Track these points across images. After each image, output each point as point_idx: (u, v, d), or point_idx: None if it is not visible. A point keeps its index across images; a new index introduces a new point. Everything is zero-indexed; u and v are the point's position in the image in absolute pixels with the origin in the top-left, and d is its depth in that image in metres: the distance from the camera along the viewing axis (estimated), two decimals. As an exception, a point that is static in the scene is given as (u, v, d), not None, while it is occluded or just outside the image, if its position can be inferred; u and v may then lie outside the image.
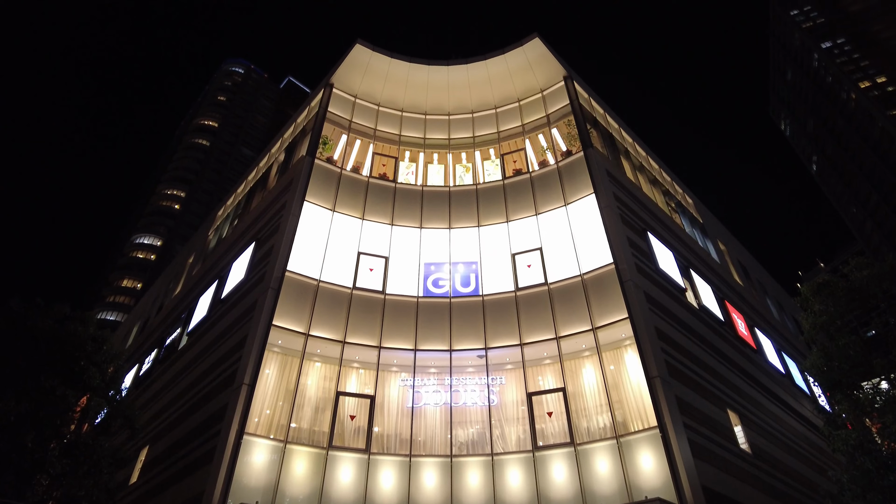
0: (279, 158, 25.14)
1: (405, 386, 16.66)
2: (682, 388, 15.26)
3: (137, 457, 20.08)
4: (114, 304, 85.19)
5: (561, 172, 20.46)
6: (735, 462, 15.70)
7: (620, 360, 15.99)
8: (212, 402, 16.27)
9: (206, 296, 22.40)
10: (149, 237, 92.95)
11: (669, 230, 22.53)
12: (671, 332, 16.73)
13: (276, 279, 17.10)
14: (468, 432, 15.97)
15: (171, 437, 18.22)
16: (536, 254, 18.70)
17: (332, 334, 17.04)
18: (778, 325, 29.12)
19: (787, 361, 25.63)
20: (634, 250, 17.85)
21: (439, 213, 20.62)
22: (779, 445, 19.43)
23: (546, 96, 23.77)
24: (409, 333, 17.61)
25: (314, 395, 16.16)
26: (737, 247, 31.97)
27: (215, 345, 18.54)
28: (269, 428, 15.10)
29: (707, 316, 20.12)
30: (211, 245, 28.21)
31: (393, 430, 15.90)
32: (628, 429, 14.57)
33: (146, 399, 22.87)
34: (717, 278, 24.02)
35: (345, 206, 20.11)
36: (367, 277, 18.52)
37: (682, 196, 28.33)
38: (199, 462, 14.99)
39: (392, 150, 23.05)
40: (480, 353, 17.14)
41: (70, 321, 15.88)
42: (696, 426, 14.77)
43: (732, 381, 18.91)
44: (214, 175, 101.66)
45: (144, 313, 34.67)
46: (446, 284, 18.80)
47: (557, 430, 15.21)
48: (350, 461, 14.87)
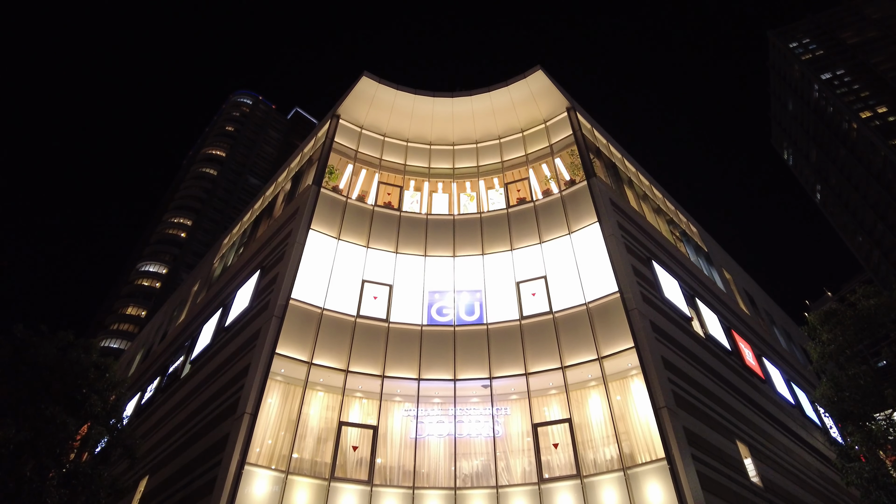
0: (285, 187, 25.40)
1: (408, 416, 16.45)
2: (690, 419, 15.01)
3: (137, 487, 19.76)
4: (117, 331, 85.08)
5: (565, 201, 20.57)
6: (746, 495, 15.32)
7: (627, 391, 15.78)
8: (213, 431, 16.08)
9: (209, 324, 22.36)
10: (154, 265, 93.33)
11: (674, 259, 22.49)
12: (678, 361, 16.55)
13: (280, 307, 17.09)
14: (472, 464, 15.69)
15: (172, 466, 17.96)
16: (541, 282, 18.66)
17: (336, 363, 16.93)
18: (786, 354, 28.76)
19: (796, 392, 25.22)
20: (639, 279, 17.80)
21: (444, 242, 20.69)
22: (790, 478, 18.97)
23: (549, 127, 24.07)
24: (413, 362, 17.48)
25: (316, 425, 15.96)
26: (742, 276, 31.83)
27: (218, 373, 18.43)
28: (270, 458, 14.89)
29: (714, 345, 19.91)
30: (216, 273, 28.30)
31: (396, 462, 15.64)
32: (636, 460, 14.29)
33: (147, 428, 22.63)
34: (723, 307, 23.85)
35: (350, 234, 20.22)
36: (371, 305, 18.49)
37: (686, 225, 28.37)
38: (199, 492, 14.74)
39: (397, 179, 23.28)
40: (485, 383, 16.96)
41: (73, 348, 15.87)
42: (705, 458, 14.47)
43: (741, 411, 18.60)
44: (221, 204, 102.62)
45: (148, 341, 34.58)
46: (450, 313, 18.73)
47: (563, 461, 14.93)
48: (352, 493, 14.59)
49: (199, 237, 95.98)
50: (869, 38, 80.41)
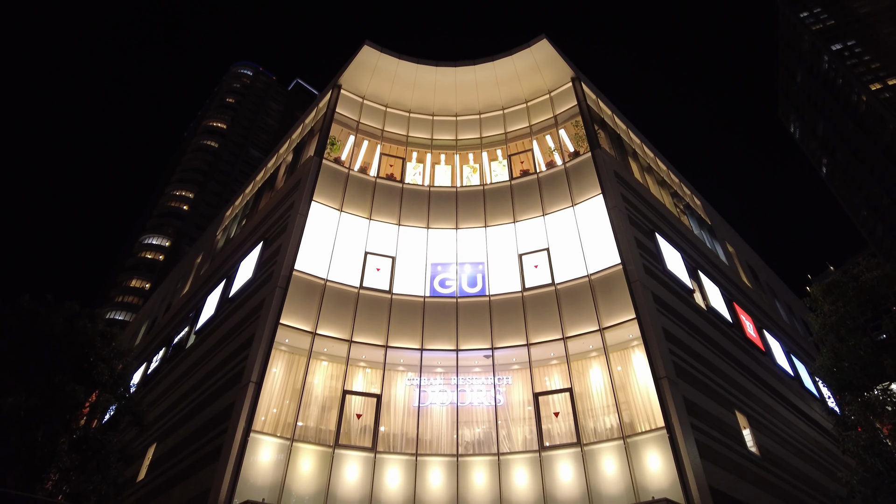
0: (287, 159, 25.27)
1: (411, 385, 16.67)
2: (690, 390, 15.18)
3: (145, 454, 20.18)
4: (122, 303, 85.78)
5: (568, 173, 20.44)
6: (743, 464, 15.58)
7: (628, 361, 15.93)
8: (219, 400, 16.33)
9: (213, 295, 22.52)
10: (157, 238, 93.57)
11: (678, 231, 22.44)
12: (679, 332, 16.65)
13: (283, 278, 17.17)
14: (474, 432, 15.95)
15: (179, 434, 18.30)
16: (543, 254, 18.67)
17: (339, 333, 17.08)
18: (787, 327, 28.91)
19: (796, 364, 25.42)
20: (642, 251, 17.79)
21: (446, 214, 20.65)
22: (788, 448, 19.26)
23: (554, 97, 23.77)
24: (416, 333, 17.62)
25: (321, 394, 16.19)
26: (745, 249, 31.78)
27: (223, 343, 18.62)
28: (275, 426, 15.15)
29: (715, 317, 20.01)
30: (219, 245, 28.37)
31: (399, 429, 15.91)
32: (635, 429, 14.50)
33: (154, 397, 22.99)
34: (725, 280, 23.88)
35: (352, 206, 20.18)
36: (374, 277, 18.56)
37: (690, 198, 28.22)
38: (205, 459, 15.05)
39: (399, 150, 23.11)
40: (487, 353, 17.13)
41: (79, 318, 16.02)
42: (704, 427, 14.68)
43: (741, 382, 18.79)
44: (223, 176, 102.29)
45: (152, 313, 34.88)
46: (453, 284, 18.80)
47: (564, 430, 15.16)
48: (356, 459, 14.88)
49: (202, 209, 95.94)
50: (881, 6, 78.61)
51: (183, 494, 15.42)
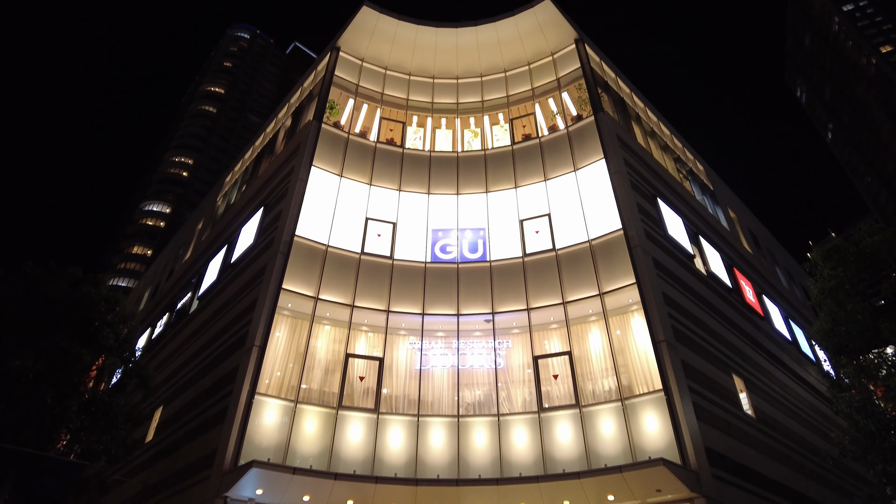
0: (286, 124, 25.00)
1: (413, 349, 16.88)
2: (688, 353, 15.37)
3: (152, 416, 20.61)
4: (124, 270, 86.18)
5: (571, 137, 20.22)
6: (738, 425, 15.90)
7: (627, 325, 16.08)
8: (223, 363, 16.58)
9: (215, 261, 22.61)
10: (158, 204, 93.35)
11: (679, 196, 22.34)
12: (678, 297, 16.76)
13: (284, 244, 17.21)
14: (475, 394, 16.24)
15: (185, 397, 18.65)
16: (545, 220, 18.64)
17: (341, 298, 17.21)
18: (786, 293, 29.07)
19: (793, 329, 25.67)
20: (643, 216, 17.75)
21: (447, 179, 20.53)
22: (783, 410, 19.62)
23: (557, 60, 23.33)
24: (417, 298, 17.75)
25: (324, 357, 16.42)
26: (747, 215, 31.69)
27: (226, 308, 18.80)
28: (280, 388, 15.41)
29: (715, 282, 20.10)
30: (220, 211, 28.34)
31: (401, 391, 16.19)
32: (633, 392, 14.74)
33: (159, 361, 23.34)
34: (726, 245, 23.90)
35: (352, 171, 20.05)
36: (375, 243, 18.59)
37: (692, 163, 27.99)
38: (211, 421, 15.38)
39: (399, 114, 22.83)
40: (487, 318, 17.29)
41: (82, 284, 16.13)
42: (701, 390, 14.92)
43: (739, 346, 19.00)
44: (221, 142, 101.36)
45: (155, 279, 35.10)
46: (454, 250, 18.84)
47: (563, 392, 15.42)
48: (359, 420, 15.20)
49: (201, 176, 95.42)
50: (895, -35, 76.18)
51: (190, 455, 15.81)
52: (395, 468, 14.60)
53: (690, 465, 12.81)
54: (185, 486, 15.12)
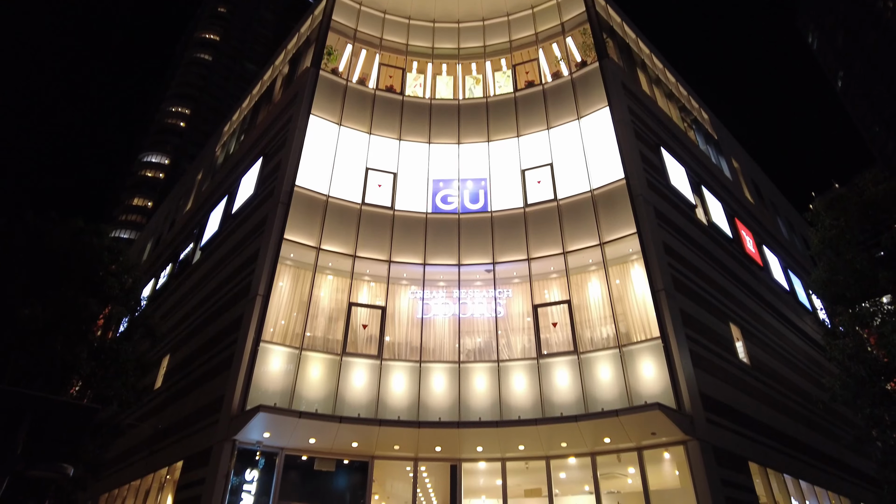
0: (283, 71, 24.44)
1: (415, 298, 17.09)
2: (687, 302, 15.56)
3: (160, 364, 21.10)
4: (126, 222, 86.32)
5: (575, 84, 19.79)
6: (733, 372, 16.27)
7: (626, 275, 16.21)
8: (228, 312, 16.83)
9: (216, 211, 22.60)
10: (156, 156, 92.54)
11: (683, 146, 22.07)
12: (679, 247, 16.82)
13: (285, 193, 17.15)
14: (475, 341, 16.55)
15: (191, 345, 19.04)
16: (547, 169, 18.49)
17: (343, 248, 17.29)
18: (786, 243, 29.14)
19: (792, 279, 25.88)
20: (646, 165, 17.60)
21: (448, 128, 20.23)
22: (777, 358, 20.02)
23: (561, 3, 22.53)
24: (419, 248, 17.82)
25: (327, 306, 16.65)
26: (751, 165, 31.38)
27: (228, 258, 18.93)
28: (284, 336, 15.71)
29: (716, 232, 20.13)
30: (219, 161, 28.09)
31: (404, 339, 16.50)
32: (631, 339, 15.01)
33: (164, 311, 23.69)
34: (728, 196, 23.79)
35: (351, 120, 19.74)
36: (376, 193, 18.51)
37: (697, 111, 27.50)
38: (218, 368, 15.75)
39: (399, 60, 22.26)
40: (488, 268, 17.41)
41: (85, 234, 16.19)
42: (698, 338, 15.19)
43: (737, 296, 19.21)
44: (218, 91, 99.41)
45: (157, 230, 35.18)
46: (455, 201, 18.77)
47: (561, 339, 15.71)
48: (363, 366, 15.57)
49: (199, 126, 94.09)
50: None
51: (198, 401, 16.28)
52: (399, 412, 15.05)
53: (685, 409, 13.19)
54: (194, 430, 15.64)
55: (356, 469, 14.76)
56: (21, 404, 5.58)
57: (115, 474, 20.66)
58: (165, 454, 17.13)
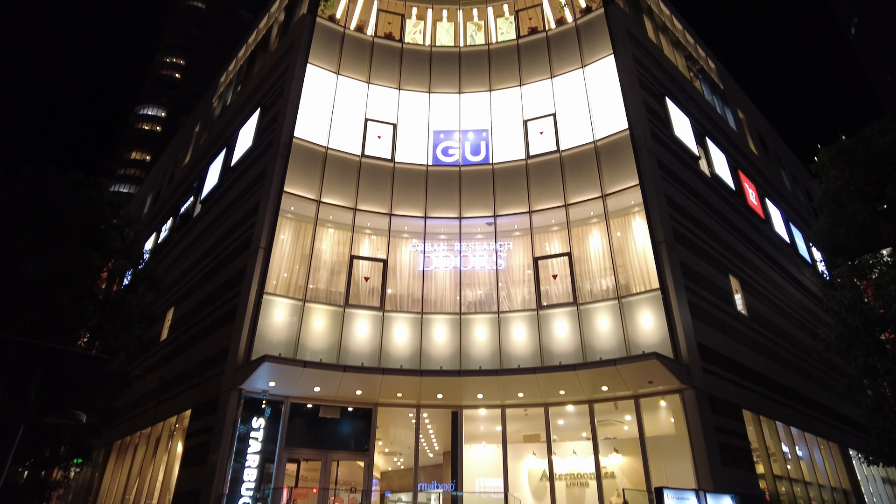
0: (279, 18, 23.71)
1: (416, 251, 17.15)
2: (687, 254, 15.60)
3: (165, 316, 21.40)
4: (125, 176, 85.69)
5: (579, 31, 19.21)
6: (731, 323, 16.48)
7: (628, 227, 16.19)
8: (230, 265, 16.93)
9: (215, 164, 22.41)
10: (153, 108, 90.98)
11: (688, 96, 21.63)
12: (681, 199, 16.74)
13: (283, 145, 16.96)
14: (476, 293, 16.71)
15: (195, 298, 19.24)
16: (549, 120, 18.19)
17: (343, 201, 17.23)
18: (789, 196, 28.97)
19: (793, 231, 25.88)
20: (651, 115, 17.30)
21: (449, 77, 19.78)
22: (775, 310, 20.25)
23: (566, -56, 21.58)
24: (419, 201, 17.75)
25: (329, 259, 16.74)
26: (756, 116, 30.83)
27: (229, 211, 18.89)
28: (287, 288, 15.86)
29: (718, 185, 19.98)
30: (216, 113, 27.64)
31: (405, 291, 16.66)
32: (630, 290, 15.14)
33: (167, 264, 23.83)
34: (732, 147, 23.48)
35: (349, 69, 19.29)
36: (376, 145, 18.29)
37: (704, 60, 26.79)
38: (223, 320, 15.96)
39: (398, 6, 21.54)
40: (489, 221, 17.38)
41: (84, 188, 16.09)
42: (697, 289, 15.31)
43: (737, 248, 19.25)
44: (213, 41, 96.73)
45: (156, 184, 34.98)
46: (456, 153, 18.57)
47: (561, 291, 15.85)
48: (366, 317, 15.79)
49: (195, 77, 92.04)
50: None
51: (203, 351, 16.58)
52: (401, 361, 15.37)
53: (682, 359, 13.45)
54: (201, 380, 16.00)
55: (360, 416, 15.19)
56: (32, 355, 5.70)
57: (127, 423, 21.30)
58: (174, 403, 17.59)
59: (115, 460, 22.11)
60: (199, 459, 14.06)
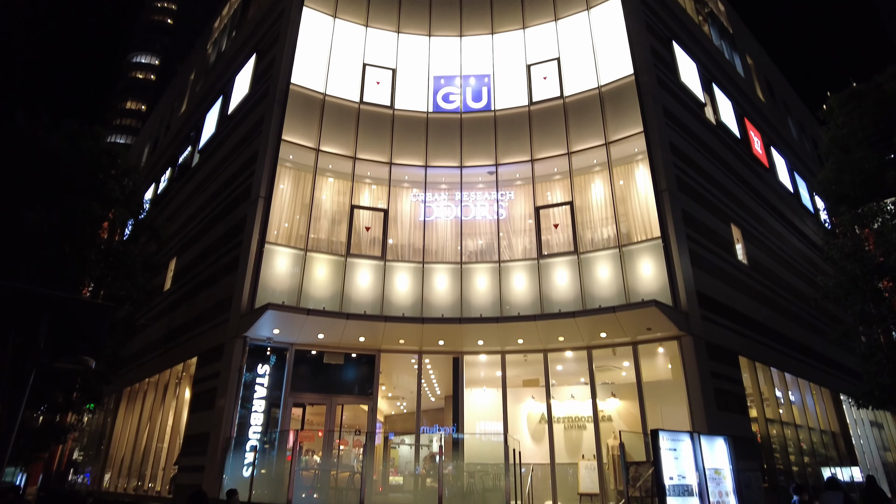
0: (272, -42, 22.72)
1: (417, 200, 17.06)
2: (689, 202, 15.51)
3: (168, 266, 21.53)
4: (120, 126, 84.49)
5: (584, -29, 18.42)
6: (731, 272, 16.55)
7: (630, 175, 16.04)
8: (231, 214, 16.90)
9: (212, 112, 22.02)
10: (146, 56, 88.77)
11: (696, 40, 20.97)
12: (685, 147, 16.50)
13: (281, 92, 16.61)
14: (477, 243, 16.74)
15: (196, 248, 19.30)
16: (553, 64, 17.71)
17: (343, 150, 17.01)
18: (795, 144, 28.56)
19: (797, 181, 25.65)
20: (657, 60, 16.83)
21: (449, 19, 19.14)
22: (775, 259, 20.31)
23: None
24: (420, 150, 17.53)
25: (329, 209, 16.68)
26: (765, 62, 29.98)
27: (228, 161, 18.70)
28: (288, 238, 15.88)
29: (723, 132, 19.66)
30: (211, 60, 26.93)
31: (406, 241, 16.69)
32: (631, 239, 15.14)
33: (167, 215, 23.76)
34: (739, 94, 22.97)
35: (346, 11, 18.65)
36: (375, 91, 17.89)
37: (714, 2, 25.82)
38: (225, 269, 16.06)
39: (397, -55, 20.59)
40: (491, 170, 17.21)
41: (80, 138, 15.86)
42: (699, 238, 15.30)
43: (740, 197, 19.12)
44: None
45: (153, 134, 34.48)
46: (457, 99, 18.18)
47: (562, 240, 15.87)
48: (367, 267, 15.88)
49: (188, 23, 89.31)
50: None
51: (208, 300, 16.76)
52: (403, 309, 15.55)
53: (681, 306, 13.58)
54: (205, 328, 16.24)
55: (364, 362, 15.52)
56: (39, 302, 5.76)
57: (135, 370, 21.78)
58: (180, 351, 17.93)
59: (126, 406, 22.75)
60: (207, 404, 14.45)
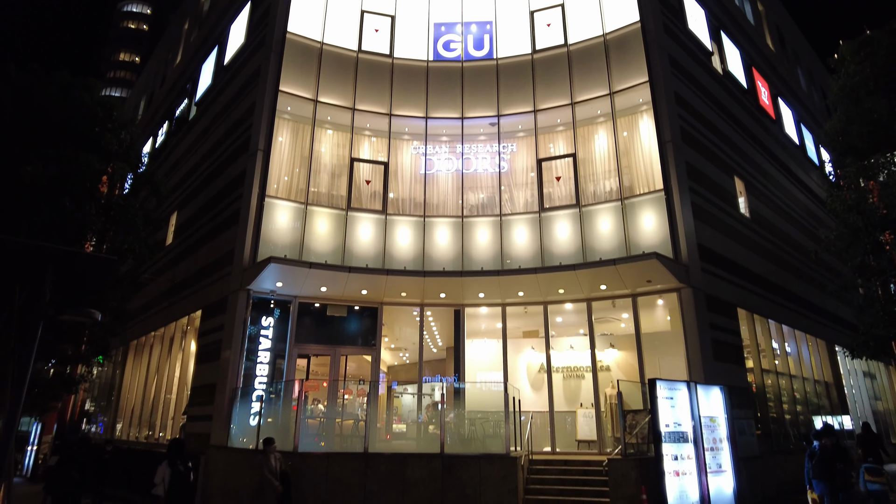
0: None
1: (417, 153, 16.87)
2: (693, 154, 15.33)
3: (169, 220, 21.51)
4: (115, 79, 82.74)
5: None
6: (733, 224, 16.52)
7: (634, 126, 15.80)
8: (230, 168, 16.75)
9: (207, 63, 21.52)
10: (136, 4, 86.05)
11: (706, -15, 20.22)
12: (690, 97, 16.18)
13: (277, 41, 16.18)
14: (478, 196, 16.66)
15: (197, 202, 19.22)
16: (557, 11, 17.16)
17: (341, 101, 16.70)
18: (803, 96, 27.96)
19: (803, 133, 25.26)
20: (664, 7, 16.30)
21: (450, -36, 18.41)
22: (777, 212, 20.22)
23: None
24: (420, 101, 17.20)
25: (329, 162, 16.52)
26: (777, 8, 28.99)
27: (225, 113, 18.39)
28: (289, 191, 15.79)
29: (730, 82, 19.22)
30: (205, 8, 26.09)
31: (407, 195, 16.60)
32: (634, 192, 15.04)
33: (166, 169, 23.58)
34: (747, 42, 22.32)
35: (344, -45, 17.93)
36: (373, 39, 17.42)
37: (727, -56, 24.77)
38: (226, 223, 16.05)
39: None
40: (492, 121, 16.94)
41: (73, 89, 15.52)
42: (702, 190, 15.20)
43: (744, 149, 18.88)
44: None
45: (148, 87, 33.80)
46: (458, 47, 17.72)
47: (564, 193, 15.77)
48: (368, 221, 15.86)
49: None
50: None
51: (210, 254, 16.82)
52: (404, 262, 15.62)
53: (682, 259, 13.62)
54: (208, 282, 16.36)
55: (366, 314, 15.71)
56: (42, 256, 5.79)
57: (140, 324, 22.09)
58: (184, 304, 18.12)
59: (134, 358, 23.19)
60: (213, 356, 14.71)
